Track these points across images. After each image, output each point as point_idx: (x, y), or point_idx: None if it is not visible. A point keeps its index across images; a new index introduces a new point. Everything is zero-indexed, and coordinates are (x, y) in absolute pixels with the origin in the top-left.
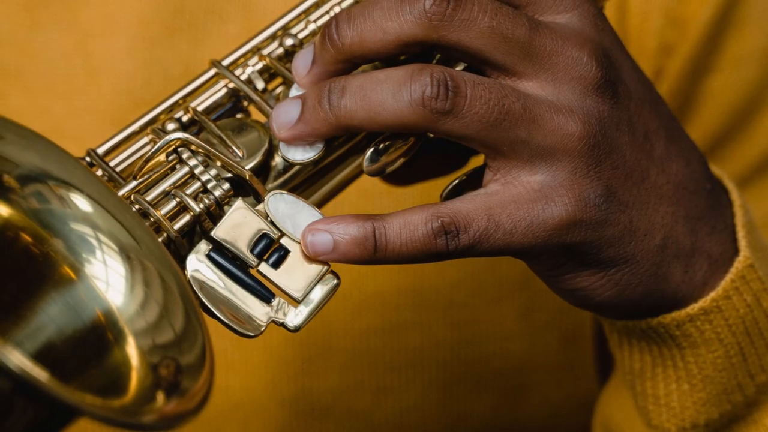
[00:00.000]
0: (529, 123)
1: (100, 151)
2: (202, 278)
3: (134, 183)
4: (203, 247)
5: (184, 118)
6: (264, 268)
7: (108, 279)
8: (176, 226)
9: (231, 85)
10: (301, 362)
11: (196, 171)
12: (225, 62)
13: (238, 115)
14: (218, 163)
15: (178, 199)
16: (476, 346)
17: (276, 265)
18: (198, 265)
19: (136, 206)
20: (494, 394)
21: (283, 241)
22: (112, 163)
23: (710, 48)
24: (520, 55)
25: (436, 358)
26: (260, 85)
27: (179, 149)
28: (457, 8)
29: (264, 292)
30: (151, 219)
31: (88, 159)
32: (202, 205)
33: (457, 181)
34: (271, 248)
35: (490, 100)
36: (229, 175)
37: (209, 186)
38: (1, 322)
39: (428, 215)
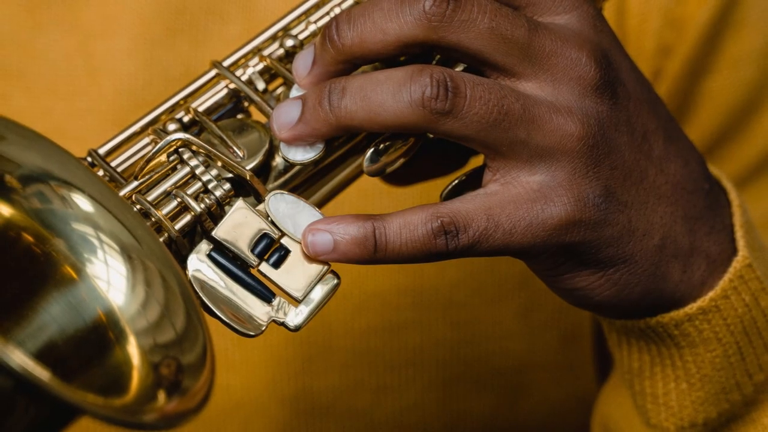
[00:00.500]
0: (528, 123)
1: (102, 151)
2: (203, 278)
3: (135, 183)
4: (204, 246)
5: (185, 119)
6: (264, 267)
7: (109, 279)
8: (177, 226)
9: (232, 86)
10: (302, 361)
11: (197, 171)
12: (226, 63)
13: (239, 116)
14: (219, 164)
15: (179, 199)
16: (476, 346)
17: (276, 265)
18: (199, 264)
19: (138, 206)
20: (493, 393)
21: (284, 240)
22: (113, 164)
23: (708, 49)
24: (519, 55)
25: (435, 357)
26: (261, 85)
27: (180, 149)
28: (456, 9)
29: (264, 292)
30: (153, 219)
31: (89, 159)
32: (203, 205)
33: (456, 181)
34: (271, 248)
35: (489, 101)
36: (230, 175)
37: (210, 186)
38: (3, 321)
39: (428, 215)
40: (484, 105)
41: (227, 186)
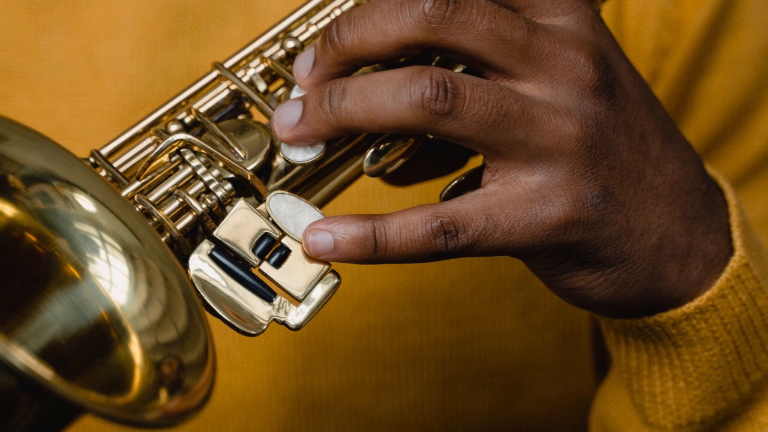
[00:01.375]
0: (527, 124)
1: (104, 151)
2: (205, 277)
3: (137, 183)
4: (206, 246)
5: (187, 120)
6: (266, 267)
7: (112, 278)
8: (179, 226)
9: (233, 87)
10: (302, 360)
11: (199, 171)
12: (227, 64)
13: (240, 117)
14: (220, 164)
15: (180, 200)
16: (475, 344)
17: (277, 265)
18: (200, 264)
19: (140, 206)
20: (492, 391)
21: (285, 240)
22: (115, 164)
23: (705, 50)
24: (518, 57)
25: (435, 356)
26: (262, 86)
27: (182, 150)
28: (456, 11)
29: (266, 291)
30: (155, 219)
31: (92, 160)
32: (204, 205)
33: (456, 182)
34: (272, 248)
35: (488, 102)
36: (231, 175)
37: (211, 186)
38: (7, 320)
39: (428, 215)
40: (483, 106)
41: (228, 186)
